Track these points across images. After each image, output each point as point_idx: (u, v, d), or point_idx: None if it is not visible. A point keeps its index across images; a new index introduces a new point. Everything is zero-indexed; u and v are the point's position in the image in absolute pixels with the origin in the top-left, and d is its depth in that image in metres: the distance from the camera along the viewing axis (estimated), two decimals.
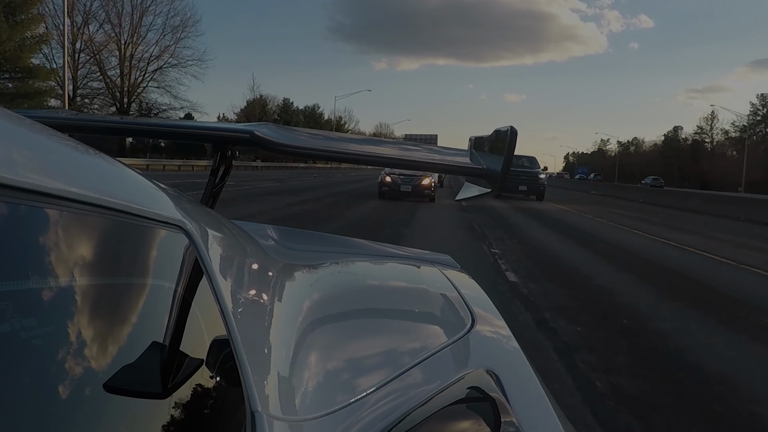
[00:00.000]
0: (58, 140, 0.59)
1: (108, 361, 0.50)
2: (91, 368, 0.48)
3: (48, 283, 0.44)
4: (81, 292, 0.49)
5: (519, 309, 5.07)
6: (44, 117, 1.52)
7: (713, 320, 5.26)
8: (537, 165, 24.69)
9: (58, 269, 0.46)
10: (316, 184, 28.80)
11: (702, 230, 14.77)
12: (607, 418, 2.89)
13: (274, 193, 19.86)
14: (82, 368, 0.46)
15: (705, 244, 11.21)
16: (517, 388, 0.94)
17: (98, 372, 0.48)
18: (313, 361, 0.88)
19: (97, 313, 0.51)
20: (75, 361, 0.46)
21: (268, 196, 18.05)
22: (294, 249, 1.53)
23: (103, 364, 0.49)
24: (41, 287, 0.44)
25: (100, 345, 0.50)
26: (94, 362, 0.48)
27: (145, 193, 0.70)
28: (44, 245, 0.45)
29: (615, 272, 7.61)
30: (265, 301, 0.94)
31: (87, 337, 0.48)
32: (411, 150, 1.76)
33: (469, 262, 5.63)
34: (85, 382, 0.47)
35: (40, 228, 0.45)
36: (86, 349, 0.48)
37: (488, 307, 1.36)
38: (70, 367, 0.45)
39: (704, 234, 13.67)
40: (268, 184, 25.78)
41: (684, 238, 12.17)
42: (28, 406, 0.40)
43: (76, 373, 0.45)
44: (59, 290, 0.46)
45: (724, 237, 13.19)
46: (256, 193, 18.77)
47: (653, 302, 5.81)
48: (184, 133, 1.78)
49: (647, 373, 3.65)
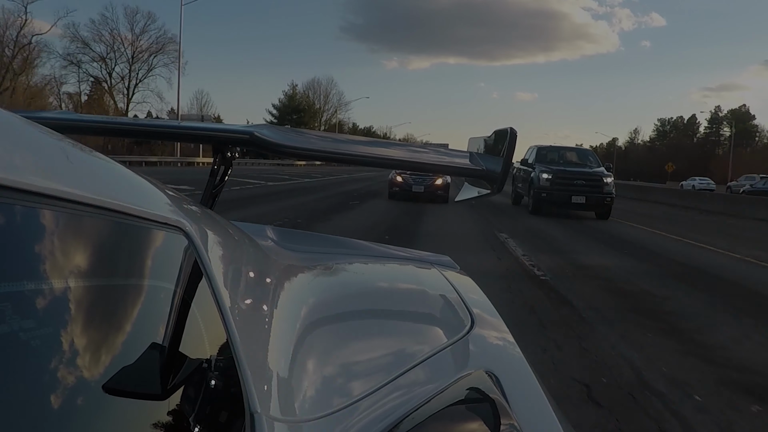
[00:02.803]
0: (57, 141, 0.59)
1: (107, 362, 0.50)
2: (91, 370, 0.48)
3: (47, 284, 0.44)
4: (80, 294, 0.48)
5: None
6: (43, 117, 1.52)
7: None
8: (598, 162, 15.78)
9: (57, 270, 0.46)
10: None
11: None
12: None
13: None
14: (81, 370, 0.46)
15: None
16: (516, 390, 0.94)
17: (97, 373, 0.48)
18: (312, 362, 0.88)
19: (96, 314, 0.51)
20: (74, 362, 0.46)
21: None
22: (293, 250, 1.53)
23: (102, 365, 0.49)
24: (40, 288, 0.44)
25: (100, 346, 0.50)
26: (94, 363, 0.48)
27: (144, 194, 0.70)
28: (43, 246, 0.45)
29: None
30: (265, 302, 0.94)
31: (86, 339, 0.48)
32: (409, 151, 1.76)
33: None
34: (84, 383, 0.46)
35: (38, 229, 0.45)
36: (85, 351, 0.47)
37: (488, 309, 1.36)
38: (69, 368, 0.45)
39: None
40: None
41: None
42: (27, 408, 0.40)
43: (75, 375, 0.45)
44: (58, 291, 0.46)
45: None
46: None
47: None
48: (184, 134, 1.78)
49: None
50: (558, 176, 14.08)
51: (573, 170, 14.65)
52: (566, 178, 14.09)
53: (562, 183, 14.01)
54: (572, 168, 14.98)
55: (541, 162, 15.19)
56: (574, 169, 14.78)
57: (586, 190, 13.96)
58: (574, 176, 14.22)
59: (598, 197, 13.99)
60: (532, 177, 14.72)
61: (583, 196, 13.90)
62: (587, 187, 14.04)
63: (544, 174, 14.22)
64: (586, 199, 13.93)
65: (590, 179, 14.22)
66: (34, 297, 0.43)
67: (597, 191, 14.01)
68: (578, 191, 13.93)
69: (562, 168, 14.70)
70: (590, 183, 14.14)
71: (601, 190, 14.05)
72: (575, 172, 14.52)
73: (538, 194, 14.23)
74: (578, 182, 14.09)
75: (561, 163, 15.50)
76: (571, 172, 14.44)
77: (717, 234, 12.56)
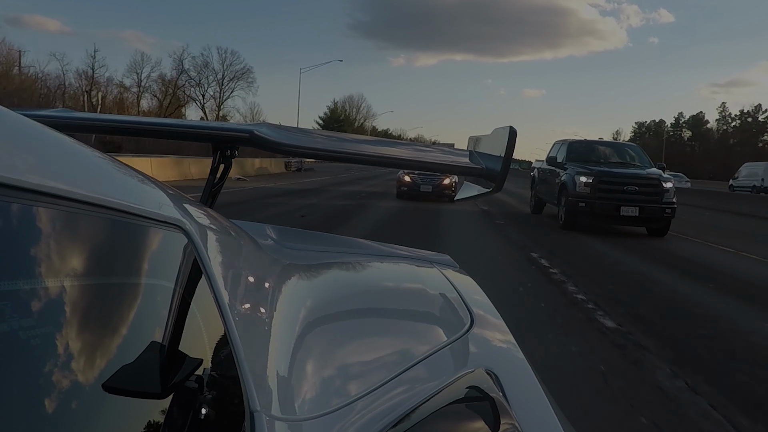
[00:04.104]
0: (57, 140, 0.59)
1: (107, 361, 0.50)
2: (90, 368, 0.48)
3: (47, 282, 0.44)
4: (80, 292, 0.48)
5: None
6: (43, 116, 1.52)
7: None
8: (649, 160, 12.26)
9: (56, 269, 0.46)
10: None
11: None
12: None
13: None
14: (81, 368, 0.46)
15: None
16: (516, 388, 0.94)
17: (97, 372, 0.48)
18: (312, 360, 0.88)
19: (96, 313, 0.51)
20: (74, 361, 0.46)
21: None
22: (293, 249, 1.53)
23: (102, 364, 0.49)
24: (40, 287, 0.44)
25: (99, 345, 0.50)
26: (94, 362, 0.48)
27: (144, 193, 0.70)
28: (43, 245, 0.45)
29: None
30: (264, 301, 0.94)
31: (86, 338, 0.48)
32: (409, 150, 1.75)
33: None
34: (84, 382, 0.46)
35: (38, 228, 0.45)
36: (85, 350, 0.47)
37: (487, 307, 1.36)
38: (69, 367, 0.45)
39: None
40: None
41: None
42: (27, 407, 0.40)
43: (75, 374, 0.45)
44: (58, 290, 0.46)
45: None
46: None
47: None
48: (184, 133, 1.78)
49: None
50: (602, 180, 10.56)
51: (621, 172, 11.04)
52: (613, 182, 10.53)
53: (608, 190, 10.44)
54: (619, 169, 11.28)
55: (576, 161, 11.68)
56: (622, 171, 11.16)
57: (640, 199, 10.29)
58: (623, 180, 10.59)
59: (655, 208, 10.31)
60: (563, 181, 11.20)
61: (636, 206, 10.23)
62: (642, 194, 10.34)
63: (583, 177, 10.69)
64: (640, 210, 10.24)
65: (645, 184, 10.53)
66: (33, 296, 0.43)
67: (655, 200, 10.34)
68: (629, 200, 10.29)
69: (605, 169, 11.09)
70: (646, 189, 10.43)
71: (660, 198, 10.36)
72: (624, 174, 10.90)
73: (574, 204, 10.63)
74: (629, 188, 10.39)
75: (602, 163, 11.90)
76: (618, 174, 10.84)
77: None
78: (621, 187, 10.46)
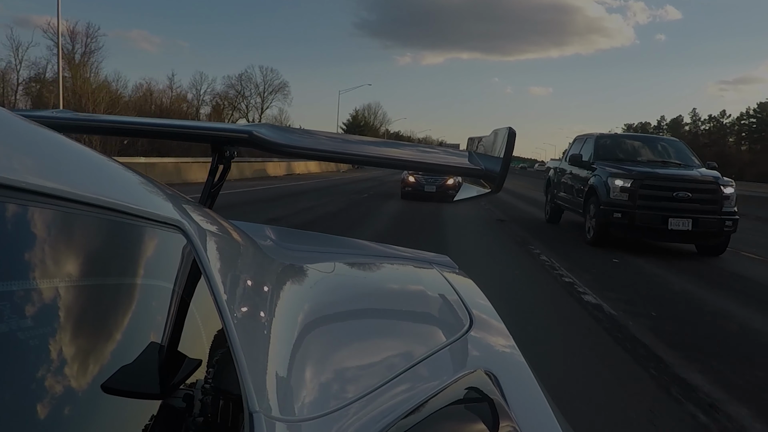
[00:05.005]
0: (56, 140, 0.59)
1: (106, 361, 0.50)
2: (89, 369, 0.48)
3: (45, 283, 0.44)
4: (78, 293, 0.48)
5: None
6: (42, 116, 1.52)
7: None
8: (698, 159, 9.66)
9: (55, 269, 0.46)
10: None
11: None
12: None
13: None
14: (79, 369, 0.46)
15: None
16: (515, 390, 0.94)
17: (96, 373, 0.48)
18: (311, 361, 0.88)
19: (95, 313, 0.51)
20: (73, 362, 0.45)
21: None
22: (292, 249, 1.53)
23: (100, 364, 0.49)
24: (38, 287, 0.44)
25: (98, 346, 0.50)
26: (92, 363, 0.48)
27: (143, 193, 0.70)
28: (41, 245, 0.45)
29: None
30: (263, 302, 0.94)
31: (85, 338, 0.48)
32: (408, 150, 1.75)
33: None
34: (82, 383, 0.46)
35: (37, 228, 0.45)
36: (84, 350, 0.47)
37: (486, 309, 1.36)
38: (67, 368, 0.45)
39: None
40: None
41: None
42: (25, 408, 0.40)
43: (73, 374, 0.45)
44: (56, 291, 0.45)
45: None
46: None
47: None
48: (183, 133, 1.78)
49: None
50: (644, 184, 8.28)
51: (667, 173, 8.62)
52: (658, 187, 8.21)
53: (652, 197, 8.18)
54: (664, 170, 8.82)
55: (606, 159, 9.33)
56: (669, 172, 8.70)
57: (694, 209, 8.01)
58: (671, 184, 8.21)
59: (713, 220, 7.99)
60: (593, 184, 8.94)
61: (689, 218, 7.93)
62: (696, 202, 8.08)
63: (619, 180, 8.43)
64: (694, 223, 7.94)
65: (700, 189, 8.22)
66: (32, 296, 0.43)
67: (712, 210, 8.04)
68: (680, 210, 8.00)
69: (647, 170, 8.66)
70: (701, 196, 8.16)
71: (719, 207, 8.06)
72: (672, 177, 8.44)
73: (607, 214, 8.38)
74: (680, 195, 8.07)
75: (639, 162, 9.39)
76: (665, 177, 8.43)
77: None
78: (669, 193, 8.12)
